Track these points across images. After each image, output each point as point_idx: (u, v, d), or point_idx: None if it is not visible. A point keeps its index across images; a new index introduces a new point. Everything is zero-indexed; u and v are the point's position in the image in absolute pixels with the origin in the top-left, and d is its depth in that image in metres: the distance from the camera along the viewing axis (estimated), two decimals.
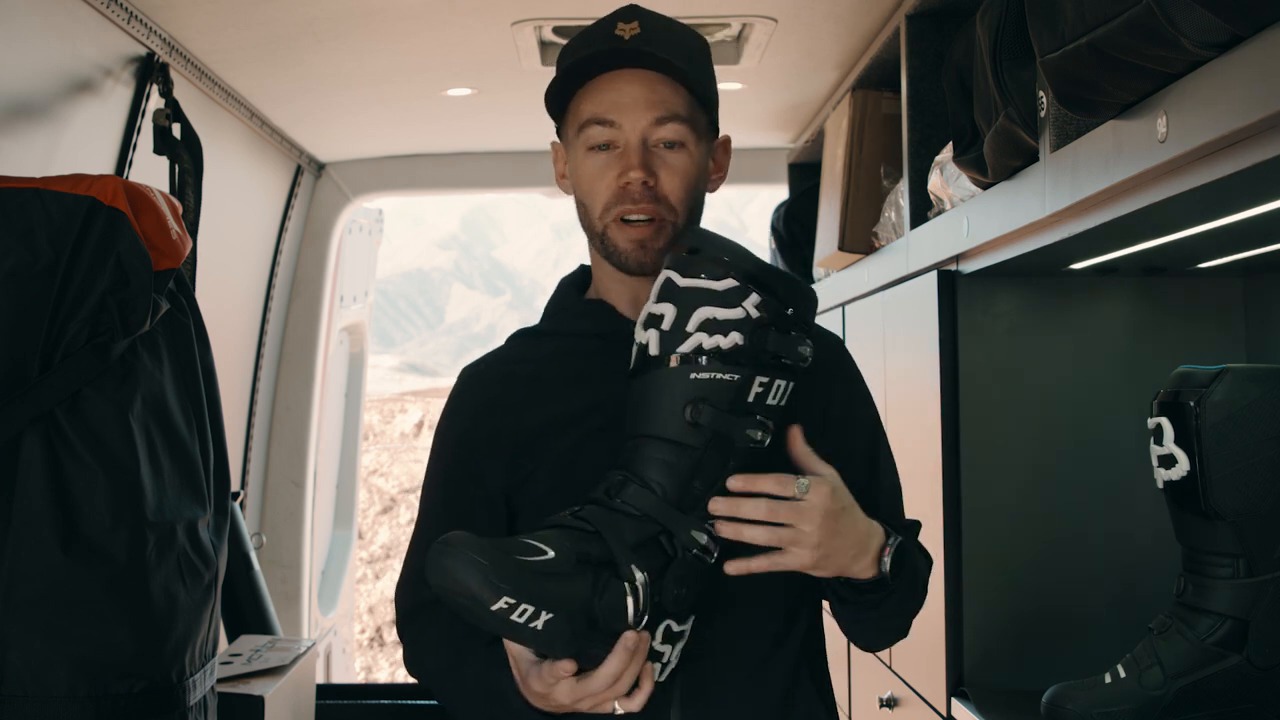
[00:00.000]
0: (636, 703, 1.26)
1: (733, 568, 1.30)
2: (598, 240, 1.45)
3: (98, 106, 2.40)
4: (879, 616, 1.43)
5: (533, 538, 1.23)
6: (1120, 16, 1.17)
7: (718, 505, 1.27)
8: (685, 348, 1.26)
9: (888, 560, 1.36)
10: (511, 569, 1.19)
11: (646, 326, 1.29)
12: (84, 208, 1.58)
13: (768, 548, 1.29)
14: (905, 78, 2.30)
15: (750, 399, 1.26)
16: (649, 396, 1.28)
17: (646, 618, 1.24)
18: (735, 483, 1.27)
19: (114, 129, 2.51)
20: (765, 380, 1.26)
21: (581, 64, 1.41)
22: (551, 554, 1.21)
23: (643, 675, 1.25)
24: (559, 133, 1.51)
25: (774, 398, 1.28)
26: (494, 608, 1.18)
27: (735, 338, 1.25)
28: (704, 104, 1.45)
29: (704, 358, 1.25)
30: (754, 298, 1.25)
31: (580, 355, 1.47)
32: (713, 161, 1.49)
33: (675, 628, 1.27)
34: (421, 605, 1.47)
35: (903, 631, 1.51)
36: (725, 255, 1.27)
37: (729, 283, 1.26)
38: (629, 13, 1.43)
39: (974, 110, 1.85)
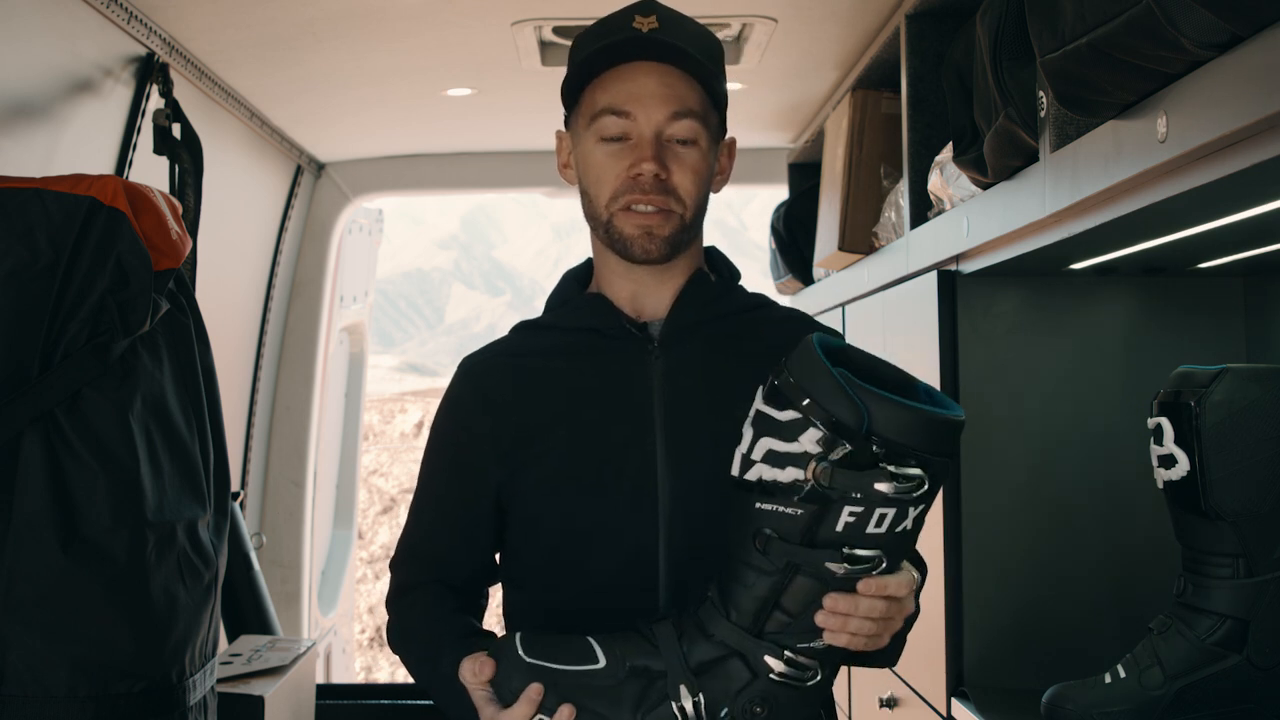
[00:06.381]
0: None
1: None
2: (602, 229, 1.44)
3: (98, 106, 2.40)
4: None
5: (596, 640, 1.24)
6: (1120, 16, 1.17)
7: (825, 620, 1.21)
8: (752, 476, 1.20)
9: None
10: (551, 678, 1.22)
11: (740, 442, 1.23)
12: (84, 208, 1.58)
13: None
14: (905, 78, 2.30)
15: (839, 529, 1.17)
16: (731, 516, 1.23)
17: None
18: (832, 601, 1.20)
19: (114, 129, 2.50)
20: (857, 510, 1.16)
21: (600, 53, 1.40)
22: (603, 662, 1.22)
23: None
24: (567, 121, 1.49)
25: (877, 525, 1.16)
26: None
27: (794, 473, 1.16)
28: (716, 103, 1.44)
29: (768, 489, 1.18)
30: (813, 433, 1.15)
31: (577, 349, 1.47)
32: (717, 163, 1.48)
33: None
34: (410, 585, 1.51)
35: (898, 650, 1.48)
36: (804, 383, 1.16)
37: (790, 414, 1.17)
38: (646, 7, 1.42)
39: (974, 110, 1.85)
